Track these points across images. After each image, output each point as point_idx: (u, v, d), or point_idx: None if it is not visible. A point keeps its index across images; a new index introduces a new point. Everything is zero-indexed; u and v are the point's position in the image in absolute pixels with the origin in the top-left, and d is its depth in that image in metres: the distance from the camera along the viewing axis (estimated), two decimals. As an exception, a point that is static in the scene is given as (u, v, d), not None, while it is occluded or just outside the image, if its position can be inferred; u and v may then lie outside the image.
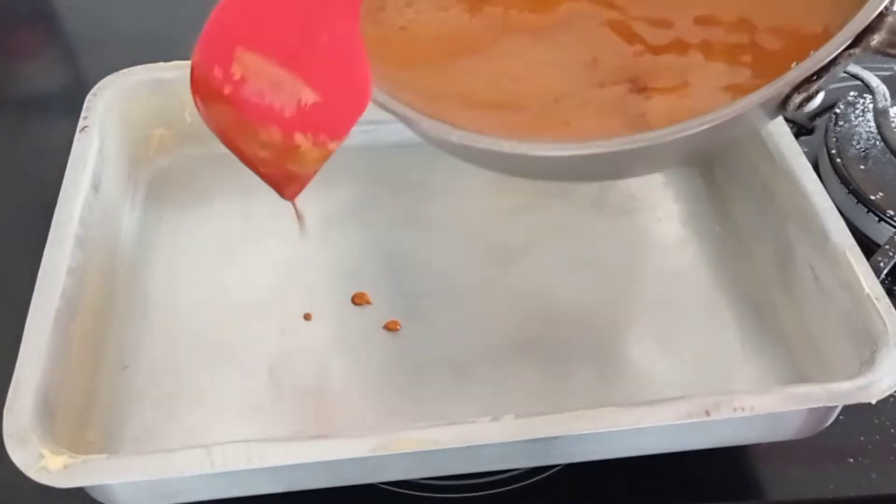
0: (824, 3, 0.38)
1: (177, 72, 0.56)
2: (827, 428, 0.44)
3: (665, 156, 0.41)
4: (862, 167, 0.58)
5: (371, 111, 0.39)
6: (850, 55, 0.34)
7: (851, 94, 0.63)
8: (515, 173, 0.44)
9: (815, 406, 0.41)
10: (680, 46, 0.41)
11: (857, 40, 0.34)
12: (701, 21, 0.41)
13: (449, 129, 0.37)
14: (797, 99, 0.35)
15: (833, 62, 0.34)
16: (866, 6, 0.34)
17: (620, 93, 0.40)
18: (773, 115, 0.36)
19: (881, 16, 0.34)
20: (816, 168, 0.57)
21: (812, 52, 0.34)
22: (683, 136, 0.35)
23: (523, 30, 0.42)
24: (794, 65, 0.34)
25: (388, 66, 0.40)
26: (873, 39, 0.34)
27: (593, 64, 0.41)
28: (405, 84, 0.40)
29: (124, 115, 0.55)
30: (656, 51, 0.41)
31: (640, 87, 0.40)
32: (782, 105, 0.35)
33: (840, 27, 0.34)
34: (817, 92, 0.35)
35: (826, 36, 0.34)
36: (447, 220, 0.55)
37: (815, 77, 0.34)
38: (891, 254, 0.53)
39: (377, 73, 0.39)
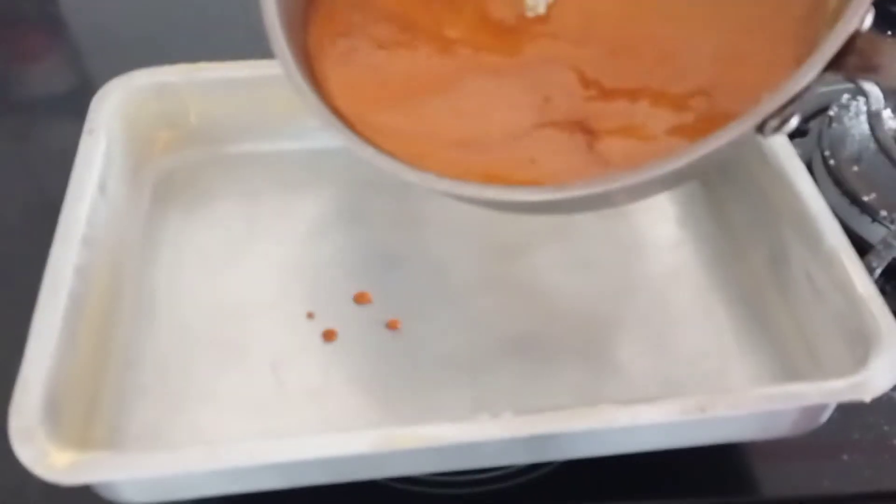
0: (791, 31, 0.38)
1: (181, 75, 0.56)
2: (822, 425, 0.44)
3: (643, 192, 0.42)
4: (855, 169, 0.59)
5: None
6: (821, 79, 0.34)
7: (845, 96, 0.63)
8: (501, 211, 0.45)
9: (809, 404, 0.42)
10: (640, 89, 0.41)
11: (829, 65, 0.33)
12: (665, 60, 0.41)
13: (434, 179, 0.38)
14: (773, 124, 0.34)
15: (805, 89, 0.34)
16: (835, 30, 0.33)
17: (573, 132, 0.40)
18: (749, 142, 0.36)
19: (851, 39, 0.33)
20: (810, 169, 0.57)
21: (782, 83, 0.34)
22: (659, 174, 0.35)
23: (489, 69, 0.43)
24: (764, 96, 0.34)
25: (361, 107, 0.41)
26: (845, 63, 0.34)
27: (545, 104, 0.42)
28: (379, 128, 0.40)
29: (129, 117, 0.55)
30: (611, 93, 0.41)
31: (589, 129, 0.40)
32: (759, 130, 0.35)
33: (809, 53, 0.34)
34: (792, 114, 0.34)
35: (797, 62, 0.34)
36: (447, 220, 0.55)
37: (788, 104, 0.34)
38: (883, 254, 0.54)
39: (352, 117, 0.40)
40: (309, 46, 0.43)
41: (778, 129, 0.35)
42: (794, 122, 0.35)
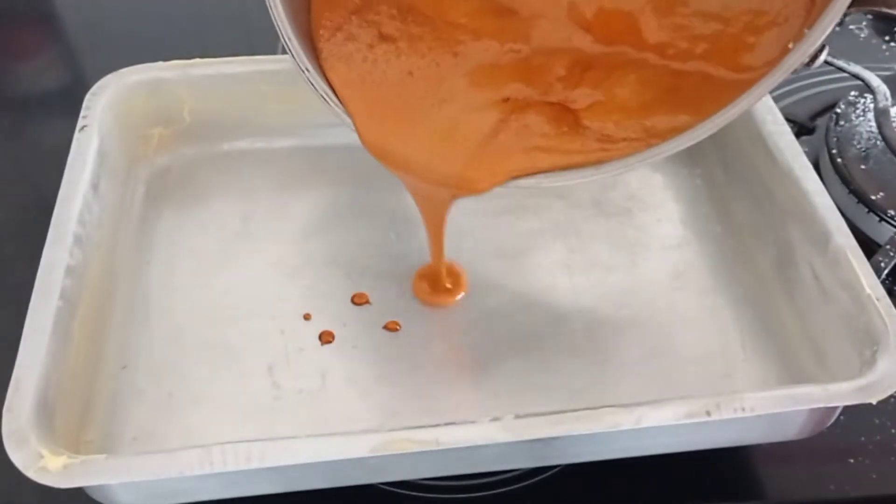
0: None
1: (176, 71, 0.56)
2: (828, 428, 0.44)
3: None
4: (863, 167, 0.58)
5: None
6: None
7: (852, 93, 0.62)
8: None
9: (815, 406, 0.41)
10: (636, 61, 0.42)
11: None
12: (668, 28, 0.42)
13: None
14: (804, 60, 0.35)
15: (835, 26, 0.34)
16: None
17: (560, 113, 0.41)
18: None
19: None
20: (817, 168, 0.57)
21: (806, 30, 0.34)
22: (702, 138, 0.36)
23: (484, 56, 0.44)
24: (791, 45, 0.35)
25: (373, 120, 0.42)
26: None
27: (532, 90, 0.42)
28: (397, 140, 0.42)
29: (123, 114, 0.55)
30: (603, 67, 0.42)
31: (572, 109, 0.41)
32: None
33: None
34: (823, 48, 0.35)
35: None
36: (447, 220, 0.55)
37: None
38: (891, 254, 0.53)
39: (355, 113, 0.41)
40: (311, 32, 0.43)
41: (809, 64, 0.35)
42: (824, 54, 0.35)
